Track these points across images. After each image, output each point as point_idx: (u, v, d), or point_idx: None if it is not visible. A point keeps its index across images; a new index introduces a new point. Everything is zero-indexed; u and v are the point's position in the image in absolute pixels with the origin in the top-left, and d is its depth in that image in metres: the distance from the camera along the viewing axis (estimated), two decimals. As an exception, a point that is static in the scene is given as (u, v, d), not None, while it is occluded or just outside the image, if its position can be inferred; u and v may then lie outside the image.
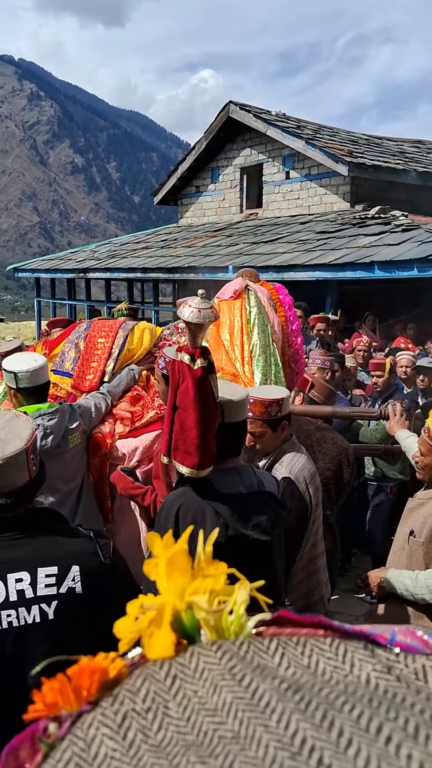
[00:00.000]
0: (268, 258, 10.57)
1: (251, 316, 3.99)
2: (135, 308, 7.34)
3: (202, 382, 2.38)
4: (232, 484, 2.58)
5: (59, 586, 1.77)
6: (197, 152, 16.24)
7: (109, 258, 15.26)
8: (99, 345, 4.35)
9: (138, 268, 13.50)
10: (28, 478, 1.84)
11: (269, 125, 14.20)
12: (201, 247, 13.30)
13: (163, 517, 2.54)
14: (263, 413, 3.01)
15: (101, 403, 3.94)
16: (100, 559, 1.85)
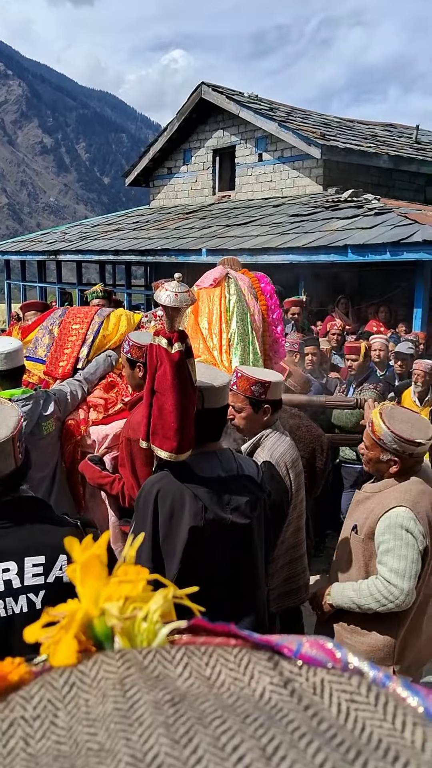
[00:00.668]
0: (242, 241, 10.54)
1: (230, 304, 3.97)
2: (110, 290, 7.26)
3: (179, 366, 2.37)
4: (212, 468, 2.57)
5: (47, 576, 1.76)
6: (169, 133, 16.09)
7: (81, 240, 15.10)
8: (73, 331, 4.30)
9: (110, 250, 13.38)
10: (14, 466, 1.82)
11: (242, 107, 14.10)
12: (173, 229, 13.21)
13: (142, 502, 2.53)
14: (246, 390, 3.00)
15: (77, 390, 3.92)
16: None
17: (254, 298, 4.12)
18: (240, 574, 2.59)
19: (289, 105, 16.49)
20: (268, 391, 3.01)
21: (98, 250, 13.75)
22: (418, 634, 2.70)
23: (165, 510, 2.47)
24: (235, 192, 15.06)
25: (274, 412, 3.12)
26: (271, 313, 4.21)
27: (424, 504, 2.63)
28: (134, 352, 3.47)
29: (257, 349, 3.96)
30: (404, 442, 2.63)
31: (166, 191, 17.11)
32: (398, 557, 2.57)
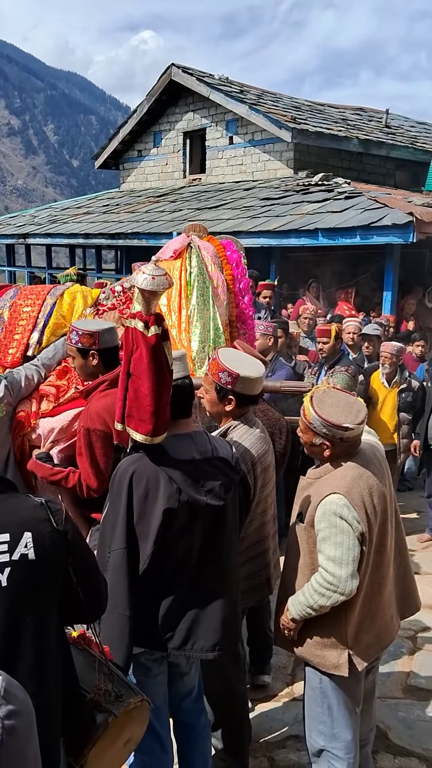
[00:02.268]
0: (213, 224, 10.50)
1: (191, 277, 3.85)
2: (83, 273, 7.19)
3: (156, 349, 2.38)
4: (186, 450, 2.59)
5: (11, 553, 1.76)
6: (139, 115, 15.93)
7: (50, 223, 14.93)
8: (24, 315, 4.09)
9: (80, 233, 13.26)
10: None
11: (212, 89, 14.01)
12: (144, 212, 13.13)
13: (116, 483, 2.54)
14: (215, 374, 2.95)
15: (33, 374, 3.79)
16: (52, 525, 1.85)
17: (219, 268, 3.98)
18: (214, 554, 2.61)
19: (260, 88, 16.41)
20: (236, 382, 2.91)
21: (68, 233, 13.62)
22: (372, 617, 2.69)
23: (140, 491, 2.48)
24: (206, 175, 14.98)
25: (241, 405, 3.02)
26: (237, 282, 4.09)
27: (359, 489, 2.59)
28: (85, 340, 3.35)
29: (219, 324, 3.83)
30: (331, 426, 2.58)
31: (136, 174, 16.97)
32: (334, 545, 2.56)
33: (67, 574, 1.88)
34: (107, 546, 2.55)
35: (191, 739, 2.96)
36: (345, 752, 2.76)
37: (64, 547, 1.86)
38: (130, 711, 2.10)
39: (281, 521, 3.57)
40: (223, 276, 3.99)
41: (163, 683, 2.77)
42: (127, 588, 2.48)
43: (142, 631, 2.53)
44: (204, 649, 2.60)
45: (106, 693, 2.06)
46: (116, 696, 2.08)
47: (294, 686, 4.02)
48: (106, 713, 2.03)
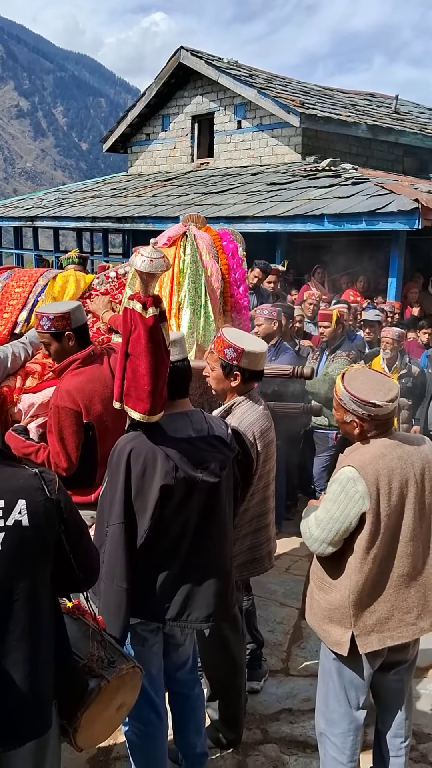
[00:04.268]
0: (219, 209, 10.53)
1: (184, 265, 3.89)
2: (85, 256, 7.24)
3: (153, 330, 2.44)
4: (183, 428, 2.67)
5: (6, 519, 1.85)
6: (148, 98, 15.89)
7: (58, 206, 14.96)
8: (15, 294, 4.16)
9: (87, 217, 13.29)
10: None
11: (221, 73, 13.97)
12: (151, 196, 13.14)
13: (114, 460, 2.62)
14: (220, 351, 3.03)
15: (20, 352, 3.83)
16: (45, 494, 1.93)
17: (214, 257, 4.02)
18: (209, 529, 2.70)
19: (269, 72, 16.34)
20: (241, 357, 3.00)
21: (75, 216, 13.65)
22: (379, 603, 2.66)
23: (137, 468, 2.56)
24: (214, 159, 14.97)
25: (247, 381, 3.11)
26: (232, 272, 4.13)
27: (375, 467, 2.60)
28: (59, 323, 3.34)
29: (210, 312, 3.87)
30: (360, 402, 2.63)
31: (144, 158, 16.96)
32: (325, 509, 2.64)
33: (59, 542, 1.95)
34: (105, 521, 2.63)
35: (186, 708, 3.05)
36: (341, 741, 2.77)
37: (56, 515, 1.94)
38: (123, 677, 2.19)
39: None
40: (218, 265, 4.03)
41: (159, 653, 2.86)
42: (124, 561, 2.56)
43: (139, 603, 2.62)
44: (198, 620, 2.69)
45: (98, 659, 2.15)
46: (109, 662, 2.17)
47: (289, 663, 4.11)
48: (99, 678, 2.11)
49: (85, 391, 3.27)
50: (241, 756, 3.34)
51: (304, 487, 6.65)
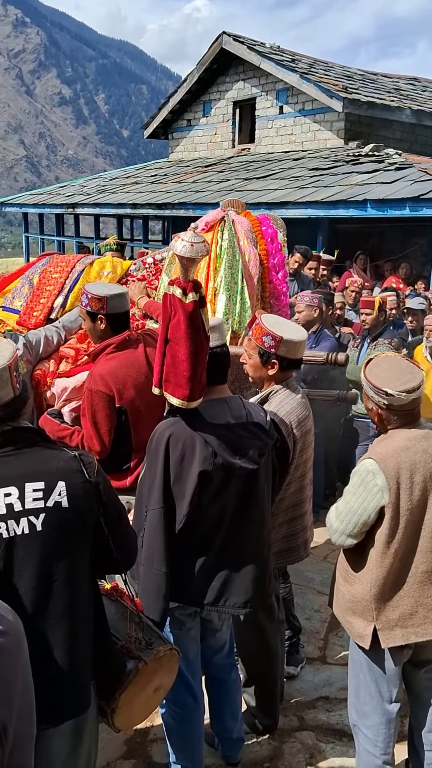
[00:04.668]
0: (260, 195, 10.46)
1: (221, 250, 3.87)
2: (123, 243, 7.25)
3: (193, 315, 2.43)
4: (221, 414, 2.66)
5: (46, 500, 1.87)
6: (189, 84, 15.84)
7: (99, 193, 15.03)
8: (52, 280, 4.18)
9: (127, 203, 13.32)
10: (13, 394, 1.94)
11: (263, 58, 13.84)
12: (192, 182, 13.12)
13: (153, 446, 2.63)
14: (258, 339, 3.01)
15: (53, 335, 3.86)
16: (84, 476, 1.96)
17: (253, 242, 3.98)
18: (247, 515, 2.69)
19: (311, 56, 16.14)
20: (279, 345, 2.97)
21: (116, 203, 13.69)
22: (401, 597, 2.60)
23: (176, 454, 2.56)
24: (255, 145, 14.87)
25: (284, 370, 3.08)
26: (271, 258, 4.08)
27: (397, 460, 2.54)
28: (93, 304, 3.37)
29: (246, 298, 3.83)
30: (375, 390, 2.57)
31: (185, 144, 16.92)
32: (345, 500, 2.62)
33: (98, 524, 1.98)
34: (144, 505, 2.65)
35: (222, 693, 3.07)
36: (374, 733, 2.74)
37: (95, 497, 1.96)
38: (160, 659, 2.21)
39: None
40: (257, 251, 3.98)
41: (196, 637, 2.88)
42: (163, 546, 2.57)
43: (177, 587, 2.64)
44: (236, 605, 2.69)
45: (136, 641, 2.17)
46: (146, 644, 2.19)
47: (326, 651, 4.10)
48: (137, 660, 2.13)
49: (118, 375, 3.29)
50: (278, 742, 3.35)
51: (342, 477, 6.60)
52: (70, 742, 1.98)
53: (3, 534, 1.81)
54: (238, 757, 3.16)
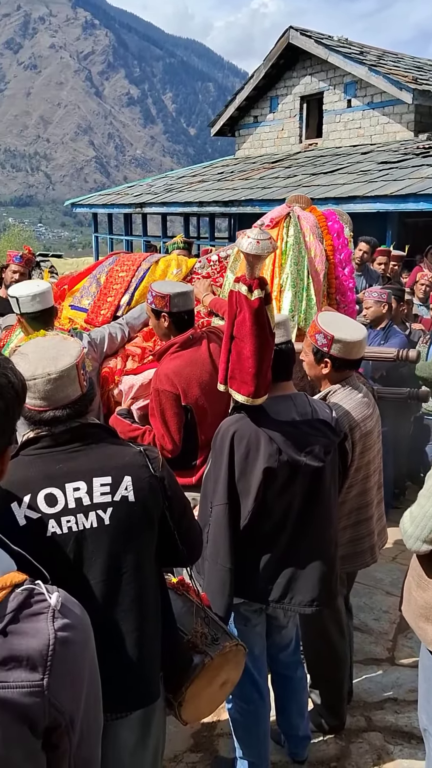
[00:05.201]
0: (328, 189, 10.37)
1: (286, 246, 3.83)
2: (190, 241, 7.30)
3: (258, 313, 2.42)
4: (286, 411, 2.65)
5: (113, 495, 1.91)
6: (256, 81, 15.82)
7: (166, 192, 15.17)
8: (119, 279, 4.23)
9: (194, 201, 13.40)
10: (80, 392, 1.97)
11: (330, 51, 13.70)
12: (258, 179, 13.10)
13: (218, 442, 2.64)
14: (312, 336, 2.98)
15: (117, 332, 3.90)
16: (150, 471, 1.98)
17: (319, 238, 3.93)
18: (313, 513, 2.68)
19: (380, 48, 15.89)
20: (331, 344, 2.90)
21: (183, 201, 13.79)
22: None
23: (241, 450, 2.57)
24: (323, 140, 14.74)
25: (338, 369, 2.99)
26: (337, 253, 4.02)
27: None
28: (158, 302, 3.40)
29: (311, 295, 3.78)
30: None
31: (251, 140, 16.90)
32: (419, 504, 2.48)
33: (164, 518, 2.00)
34: (210, 501, 2.66)
35: (288, 690, 3.06)
36: None
37: (160, 491, 1.99)
38: (226, 654, 2.22)
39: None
40: (323, 246, 3.94)
41: (262, 633, 2.88)
42: (228, 541, 2.58)
43: (242, 583, 2.64)
44: (302, 603, 2.68)
45: (202, 636, 2.18)
46: (212, 639, 2.20)
47: (395, 652, 4.04)
48: (203, 654, 2.15)
49: (183, 374, 3.32)
50: (345, 742, 3.32)
51: (412, 476, 6.49)
52: (139, 733, 2.02)
53: (72, 527, 1.85)
54: (305, 755, 3.15)
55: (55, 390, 1.90)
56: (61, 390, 1.91)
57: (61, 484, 1.87)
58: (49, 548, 1.82)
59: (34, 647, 1.09)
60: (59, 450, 1.92)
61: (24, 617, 1.11)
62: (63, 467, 1.89)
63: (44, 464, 1.90)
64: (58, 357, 1.95)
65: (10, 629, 1.09)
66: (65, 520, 1.85)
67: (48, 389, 1.90)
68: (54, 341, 2.04)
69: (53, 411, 1.92)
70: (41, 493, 1.85)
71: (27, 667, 1.07)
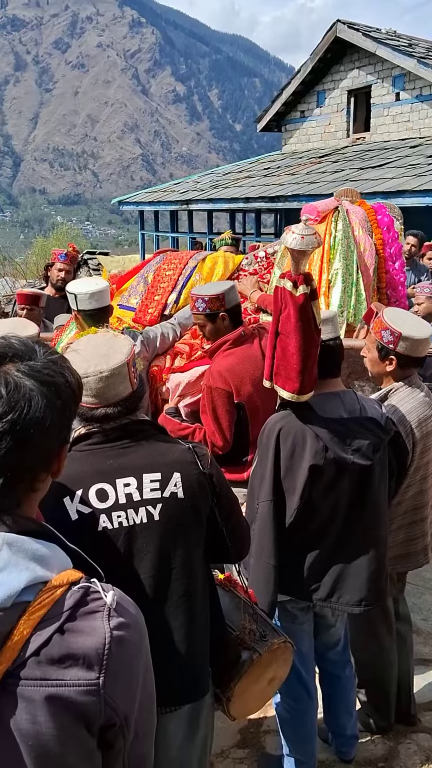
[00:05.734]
0: (376, 184, 10.25)
1: (335, 241, 3.78)
2: (237, 238, 7.29)
3: (304, 309, 2.41)
4: (334, 408, 2.62)
5: (163, 491, 1.92)
6: (303, 75, 15.71)
7: (212, 188, 15.17)
8: (166, 277, 4.24)
9: (240, 198, 13.38)
10: (131, 389, 1.99)
11: (379, 44, 13.53)
12: (305, 174, 13.02)
13: (264, 439, 2.63)
14: (377, 333, 2.91)
15: (169, 332, 3.91)
16: (198, 467, 1.99)
17: (368, 232, 3.87)
18: (360, 512, 2.65)
19: (429, 40, 15.64)
20: (398, 342, 2.83)
21: (229, 198, 13.78)
22: None
23: (287, 447, 2.56)
24: (370, 134, 14.57)
25: (404, 367, 2.94)
26: (387, 247, 3.96)
27: None
28: (213, 304, 3.39)
29: (361, 290, 3.73)
30: None
31: (298, 135, 16.80)
32: None
33: (212, 514, 2.01)
34: (256, 497, 2.66)
35: (336, 689, 3.04)
36: None
37: (209, 488, 2.00)
38: (274, 651, 2.22)
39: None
40: (372, 240, 3.88)
41: (309, 631, 2.87)
42: (273, 538, 2.58)
43: (288, 580, 2.64)
44: (349, 603, 2.66)
45: (250, 632, 2.19)
46: (260, 636, 2.20)
47: (444, 652, 3.99)
48: (251, 651, 2.15)
49: (236, 371, 3.32)
50: (393, 742, 3.29)
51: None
52: (187, 727, 2.03)
53: (123, 523, 1.88)
54: (352, 753, 3.13)
55: (106, 388, 1.93)
56: (112, 388, 1.94)
57: (111, 480, 1.89)
58: (99, 543, 1.85)
59: (90, 645, 1.10)
60: (110, 446, 1.95)
61: (81, 615, 1.12)
62: (114, 463, 1.92)
63: (96, 460, 1.92)
64: (110, 354, 1.97)
65: (67, 627, 1.10)
66: (116, 515, 1.87)
67: (100, 387, 1.92)
68: (105, 338, 2.06)
69: (104, 408, 1.94)
70: (93, 489, 1.87)
71: (83, 666, 1.08)
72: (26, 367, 1.17)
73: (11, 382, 1.14)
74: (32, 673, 1.06)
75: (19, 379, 1.14)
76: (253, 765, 3.13)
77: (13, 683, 1.05)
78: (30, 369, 1.17)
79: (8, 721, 1.04)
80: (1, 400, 1.12)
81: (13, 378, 1.14)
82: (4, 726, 1.04)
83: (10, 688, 1.05)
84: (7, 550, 1.09)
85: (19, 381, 1.14)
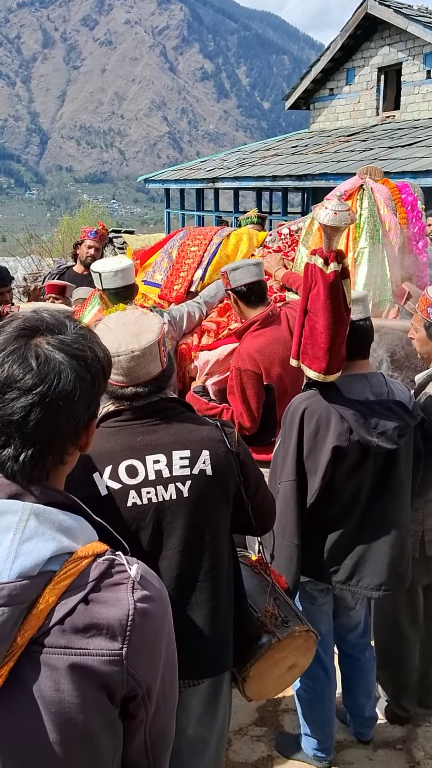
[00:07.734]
0: (405, 163, 10.08)
1: (361, 219, 3.75)
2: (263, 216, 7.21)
3: (334, 287, 2.36)
4: (360, 390, 2.58)
5: (192, 468, 1.93)
6: (332, 52, 15.45)
7: (239, 166, 15.02)
8: (191, 254, 4.23)
9: (267, 176, 13.24)
10: (161, 368, 1.99)
11: (410, 20, 13.24)
12: (333, 152, 12.84)
13: (288, 419, 2.61)
14: (424, 311, 2.87)
15: (195, 311, 3.92)
16: (226, 445, 2.00)
17: (392, 211, 3.84)
18: (384, 496, 2.61)
19: (463, 15, 15.28)
20: None
21: (255, 176, 13.64)
22: None
23: (310, 428, 2.53)
24: (400, 112, 14.32)
25: None
26: (411, 226, 3.93)
27: None
28: (223, 281, 3.47)
29: (386, 270, 3.70)
30: None
31: (326, 113, 16.56)
32: None
33: (238, 492, 2.01)
34: (278, 477, 2.64)
35: (356, 670, 3.03)
36: None
37: (236, 466, 2.00)
38: (294, 637, 2.21)
39: None
40: (396, 219, 3.83)
41: (328, 613, 2.86)
42: (295, 518, 2.56)
43: (308, 562, 2.62)
44: (369, 587, 2.63)
45: (273, 616, 2.19)
46: (282, 621, 2.20)
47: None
48: (271, 635, 2.15)
49: (265, 353, 3.31)
50: (411, 725, 3.28)
51: None
52: (207, 702, 2.05)
53: (152, 499, 1.89)
54: (370, 735, 3.12)
55: (137, 366, 1.93)
56: (143, 366, 1.94)
57: (141, 456, 1.90)
58: (129, 518, 1.87)
59: (114, 616, 1.10)
60: (139, 423, 1.95)
61: (105, 586, 1.13)
62: (143, 440, 1.92)
63: (125, 436, 1.93)
64: (141, 333, 1.96)
65: (92, 597, 1.11)
66: (145, 491, 1.89)
67: (131, 366, 1.92)
68: (135, 315, 2.05)
69: (134, 387, 1.95)
70: (122, 465, 1.88)
71: (107, 636, 1.09)
72: (57, 340, 1.18)
73: (42, 355, 1.14)
74: (56, 641, 1.07)
75: (49, 352, 1.15)
76: (271, 743, 3.14)
77: (37, 650, 1.06)
78: (60, 342, 1.17)
79: (32, 688, 1.05)
80: (32, 373, 1.13)
81: (43, 351, 1.15)
82: (28, 693, 1.05)
83: (34, 655, 1.06)
84: (35, 520, 1.10)
85: (50, 354, 1.15)
